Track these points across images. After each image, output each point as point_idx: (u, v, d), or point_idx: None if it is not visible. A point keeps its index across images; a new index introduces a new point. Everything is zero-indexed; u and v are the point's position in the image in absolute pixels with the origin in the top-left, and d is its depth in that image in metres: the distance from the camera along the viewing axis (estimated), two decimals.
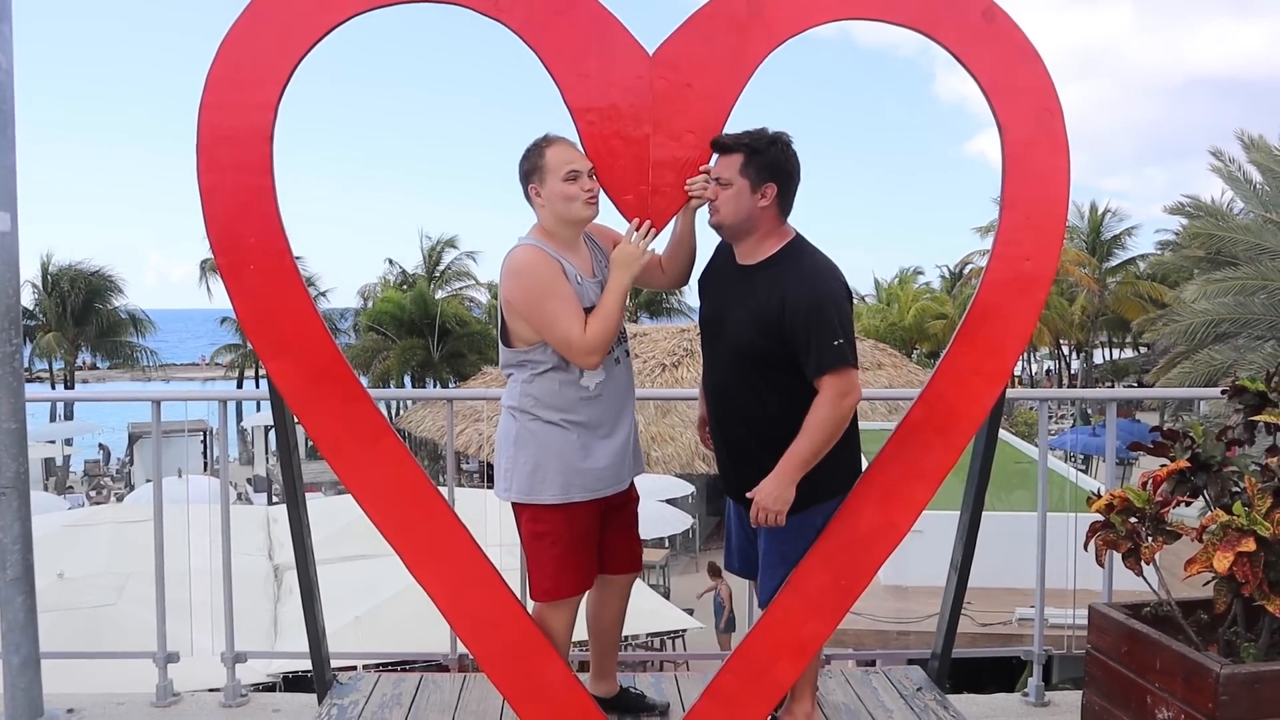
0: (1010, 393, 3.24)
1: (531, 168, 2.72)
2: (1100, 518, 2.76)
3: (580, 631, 3.04)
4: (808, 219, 3.00)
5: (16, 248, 3.26)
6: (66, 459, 28.04)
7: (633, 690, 3.18)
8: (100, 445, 31.04)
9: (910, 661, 3.66)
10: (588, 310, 2.71)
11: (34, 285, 34.00)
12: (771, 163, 2.67)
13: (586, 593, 2.94)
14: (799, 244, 2.75)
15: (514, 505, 2.84)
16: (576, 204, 2.69)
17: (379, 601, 7.67)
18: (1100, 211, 35.63)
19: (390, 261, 38.66)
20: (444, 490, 3.01)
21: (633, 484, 2.96)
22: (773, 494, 2.63)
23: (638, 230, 2.77)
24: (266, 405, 3.46)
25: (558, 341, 2.68)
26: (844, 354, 2.58)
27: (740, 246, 2.77)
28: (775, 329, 2.62)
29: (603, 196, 2.77)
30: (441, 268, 37.34)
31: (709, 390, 2.89)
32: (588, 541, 2.84)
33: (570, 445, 2.76)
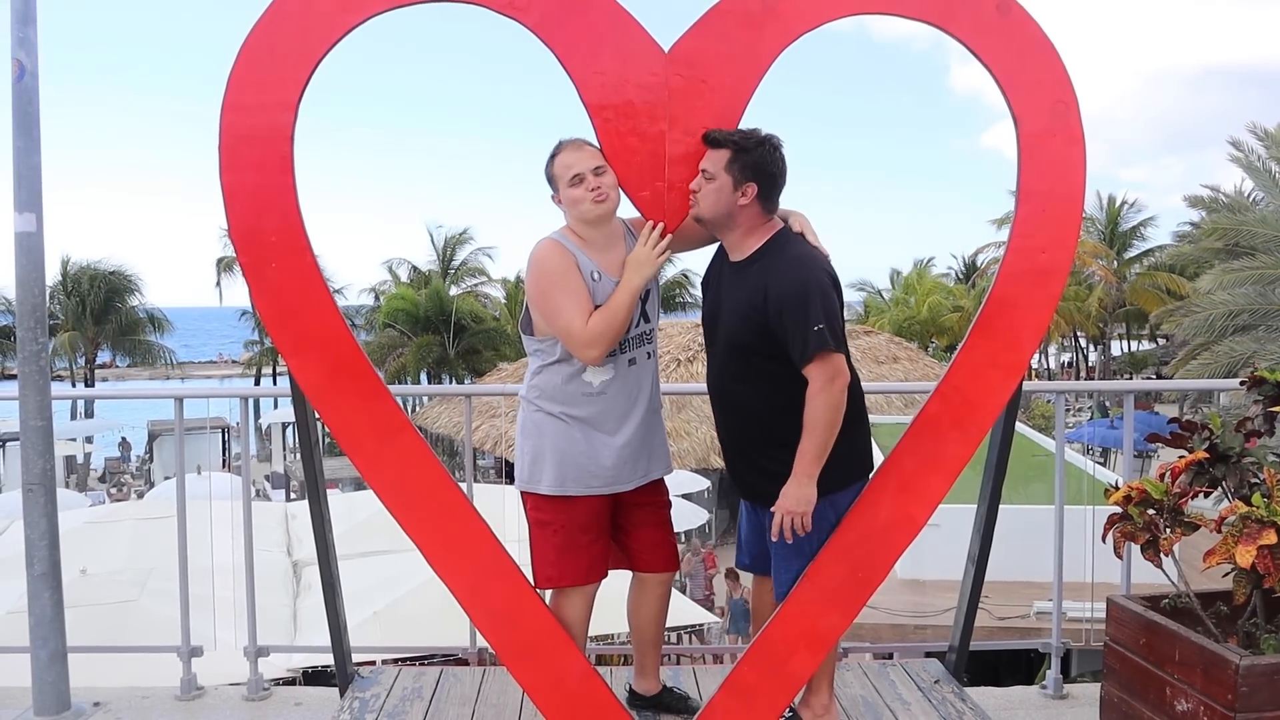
0: (1027, 385, 3.25)
1: (549, 177, 2.79)
2: (1118, 510, 2.76)
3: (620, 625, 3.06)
4: (821, 212, 3.02)
5: (42, 248, 3.31)
6: (87, 456, 28.28)
7: (676, 690, 3.17)
8: (123, 439, 31.28)
9: (928, 654, 3.66)
10: (600, 307, 2.74)
11: (50, 287, 34.24)
12: (756, 163, 2.67)
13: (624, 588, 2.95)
14: (783, 236, 2.76)
15: (520, 492, 2.90)
16: (584, 205, 2.73)
17: (398, 596, 7.74)
18: (1118, 203, 35.40)
19: (391, 268, 38.59)
20: (463, 485, 3.04)
21: (659, 484, 2.98)
22: (793, 496, 2.64)
23: (652, 233, 2.79)
24: (284, 402, 3.49)
25: (560, 332, 2.73)
26: (825, 338, 2.58)
27: (728, 243, 2.81)
28: (761, 320, 2.65)
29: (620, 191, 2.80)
30: (456, 264, 37.42)
31: (709, 387, 2.92)
32: (592, 534, 2.86)
33: (570, 439, 2.80)
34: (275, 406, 27.07)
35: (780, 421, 2.69)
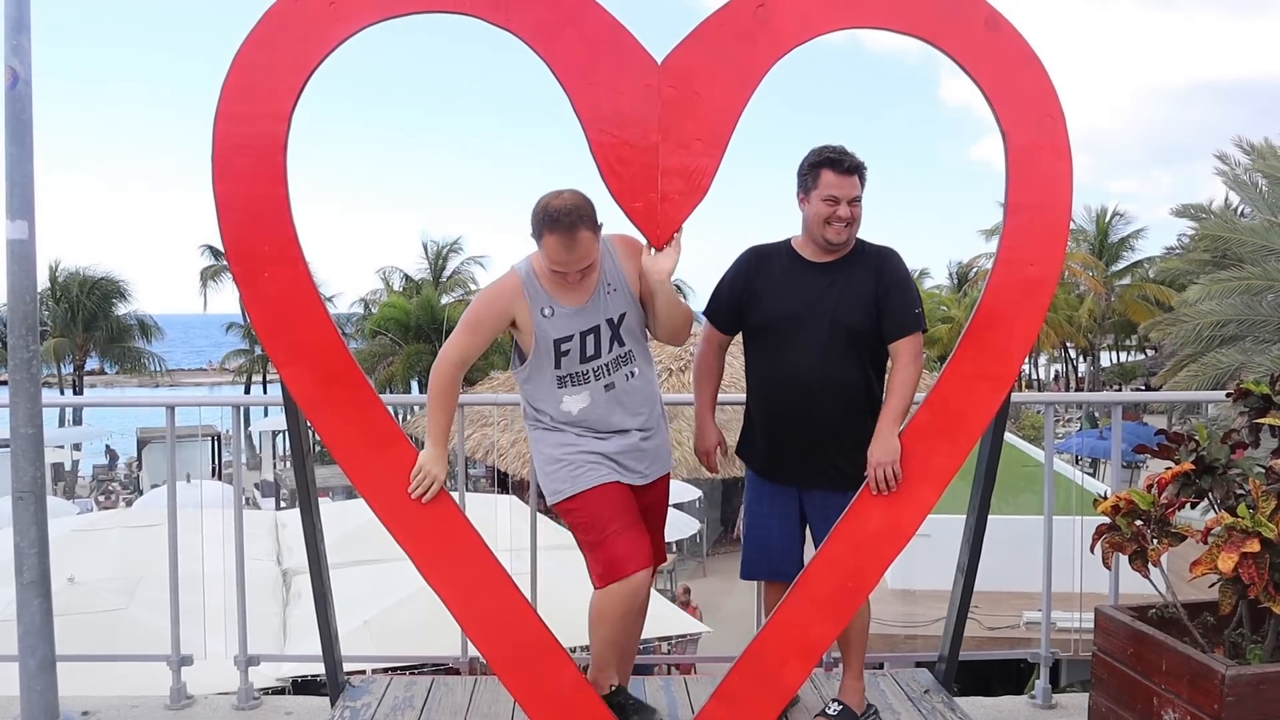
0: (1016, 396, 3.27)
1: (533, 234, 2.73)
2: (1107, 520, 2.78)
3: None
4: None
5: (34, 256, 3.30)
6: (75, 464, 28.14)
7: (630, 695, 3.11)
8: (107, 448, 31.15)
9: (918, 664, 3.67)
10: (559, 340, 2.78)
11: (38, 293, 34.09)
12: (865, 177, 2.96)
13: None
14: (860, 239, 3.03)
15: (554, 509, 2.93)
16: (560, 282, 2.77)
17: (389, 605, 7.70)
18: (1108, 215, 35.56)
19: (384, 275, 38.54)
20: (454, 495, 3.05)
21: (658, 486, 3.00)
22: (883, 448, 2.89)
23: (650, 251, 2.84)
24: (274, 410, 3.48)
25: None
26: (921, 320, 2.95)
27: (820, 249, 2.98)
28: (873, 303, 2.94)
29: (611, 204, 2.81)
30: (448, 273, 37.41)
31: (790, 383, 2.96)
32: (617, 524, 2.78)
33: (567, 440, 2.85)
34: (265, 414, 26.98)
35: (873, 395, 2.97)
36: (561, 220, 2.64)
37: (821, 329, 2.94)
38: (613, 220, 2.87)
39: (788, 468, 3.04)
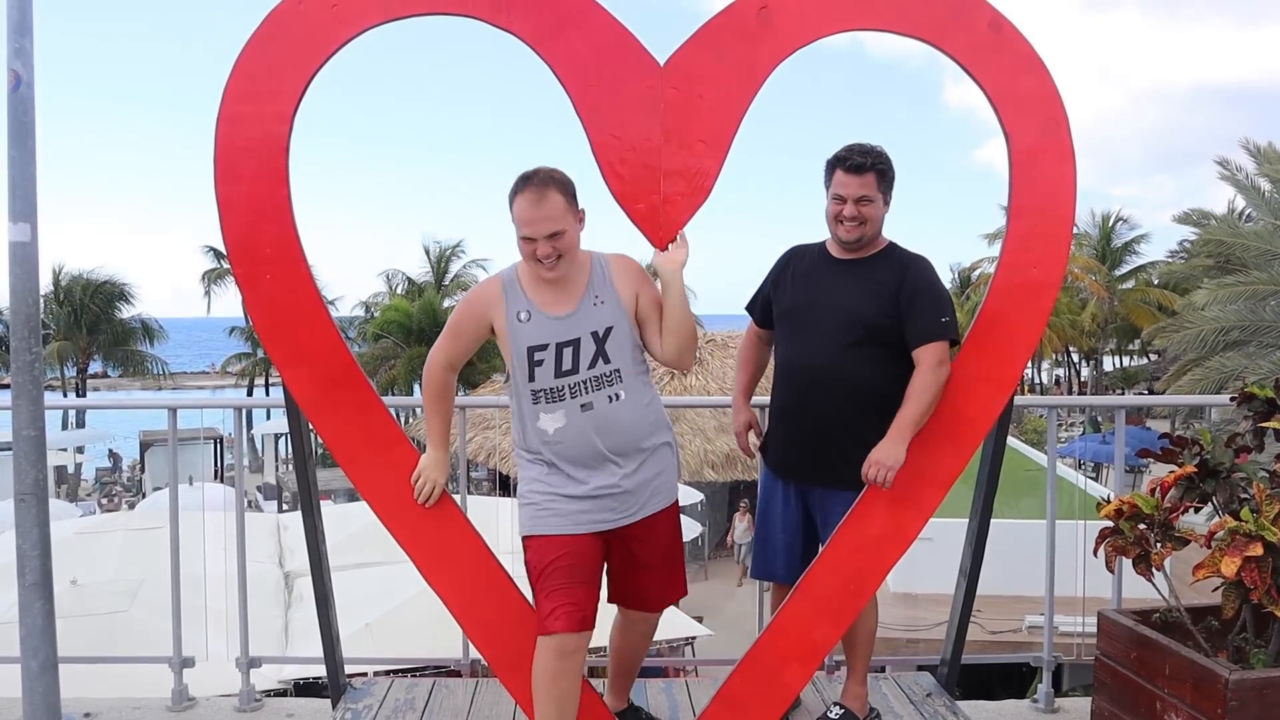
0: (1019, 400, 3.26)
1: (509, 205, 2.61)
2: (1110, 524, 2.77)
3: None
4: (815, 227, 3.07)
5: (36, 258, 3.30)
6: (78, 466, 28.18)
7: (643, 712, 3.12)
8: (110, 452, 31.20)
9: (920, 668, 3.66)
10: (534, 348, 2.64)
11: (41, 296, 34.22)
12: (891, 179, 2.95)
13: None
14: (893, 243, 3.04)
15: None
16: (530, 261, 2.64)
17: (391, 607, 7.72)
18: (1111, 219, 35.53)
19: (387, 278, 38.60)
20: (456, 497, 3.04)
21: (658, 520, 2.80)
22: (888, 451, 2.83)
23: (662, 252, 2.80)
24: (276, 413, 3.48)
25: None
26: (950, 328, 2.90)
27: (848, 246, 2.99)
28: (893, 301, 2.91)
29: (614, 205, 2.81)
30: (450, 276, 37.44)
31: (800, 373, 2.98)
32: (559, 579, 2.58)
33: (538, 478, 2.71)
34: (268, 417, 27.05)
35: (889, 391, 2.89)
36: (533, 178, 2.58)
37: (833, 320, 2.95)
38: (615, 222, 2.87)
39: (791, 461, 3.05)
